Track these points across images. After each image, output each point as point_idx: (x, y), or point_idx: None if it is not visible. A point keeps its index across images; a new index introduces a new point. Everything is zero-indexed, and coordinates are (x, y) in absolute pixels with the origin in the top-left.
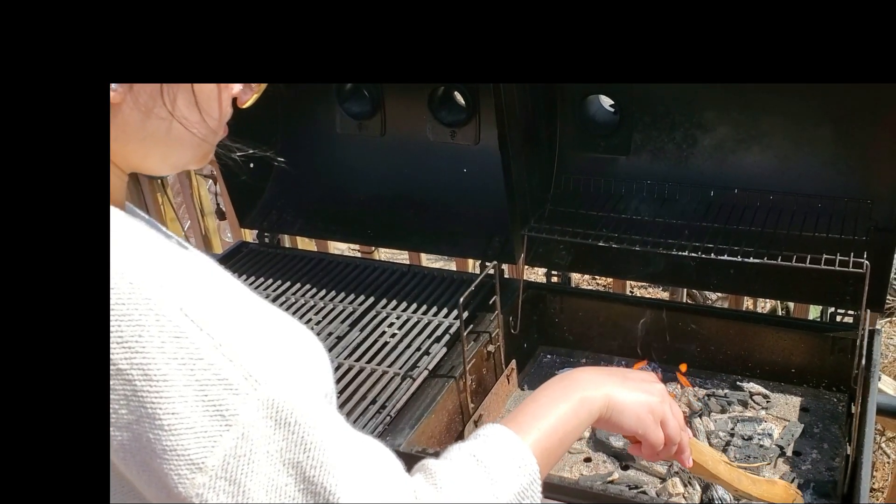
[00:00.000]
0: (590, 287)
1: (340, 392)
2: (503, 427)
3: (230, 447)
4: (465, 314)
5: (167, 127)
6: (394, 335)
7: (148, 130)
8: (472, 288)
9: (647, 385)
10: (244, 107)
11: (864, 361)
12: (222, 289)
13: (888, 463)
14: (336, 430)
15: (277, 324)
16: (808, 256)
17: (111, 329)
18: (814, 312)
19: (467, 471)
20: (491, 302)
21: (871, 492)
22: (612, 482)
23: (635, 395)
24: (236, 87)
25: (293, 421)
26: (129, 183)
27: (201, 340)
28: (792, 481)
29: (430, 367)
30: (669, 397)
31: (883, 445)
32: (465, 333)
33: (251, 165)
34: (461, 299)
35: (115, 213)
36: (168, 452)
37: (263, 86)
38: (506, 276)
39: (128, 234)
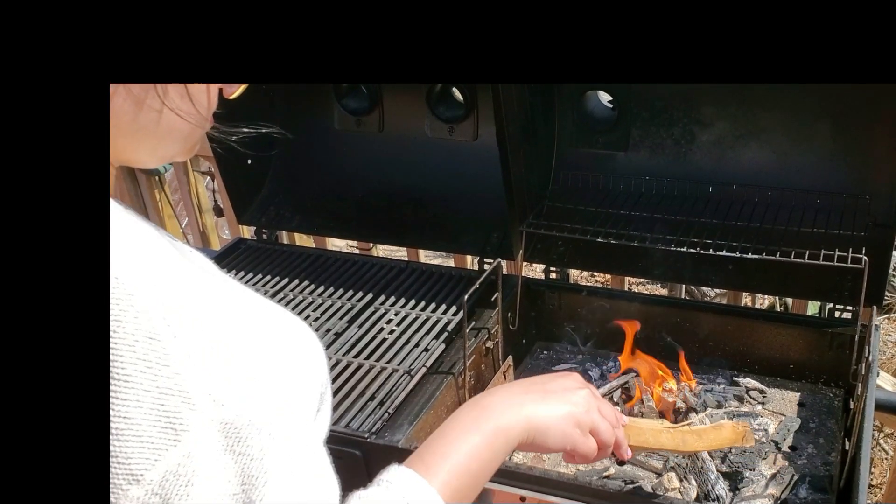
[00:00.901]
0: (588, 283)
1: (339, 388)
2: (408, 470)
3: (173, 464)
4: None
5: (158, 118)
6: (392, 332)
7: (140, 122)
8: (477, 285)
9: (570, 395)
10: (231, 98)
11: (866, 356)
12: (211, 291)
13: (886, 459)
14: (286, 464)
15: (268, 323)
16: (807, 252)
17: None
18: (812, 308)
19: None
20: (493, 298)
21: (868, 488)
22: (608, 477)
23: (558, 409)
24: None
25: (243, 451)
26: (127, 180)
27: (173, 347)
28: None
29: (429, 363)
30: (596, 400)
31: (881, 441)
32: (467, 329)
33: (249, 162)
34: (465, 297)
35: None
36: (110, 458)
37: None
38: (504, 272)
39: (117, 227)
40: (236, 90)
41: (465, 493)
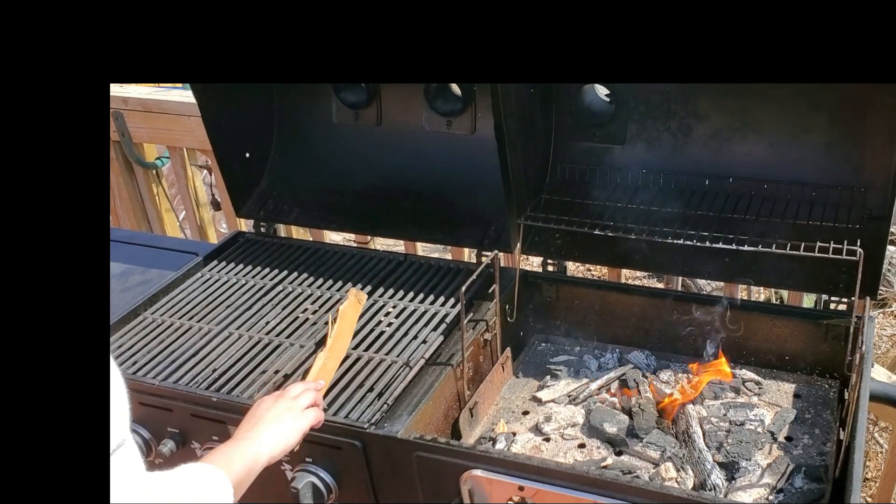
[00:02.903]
0: (585, 276)
1: (338, 380)
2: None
3: None
4: (462, 302)
5: None
6: (391, 324)
7: None
8: (474, 277)
9: (276, 407)
10: None
11: (860, 347)
12: None
13: (881, 453)
14: None
15: None
16: (802, 244)
17: None
18: (808, 301)
19: None
20: (490, 290)
21: (863, 481)
22: (605, 467)
23: (279, 424)
24: None
25: None
26: (124, 174)
27: None
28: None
29: (427, 355)
30: (287, 393)
31: (876, 435)
32: (465, 321)
33: (247, 155)
34: (463, 289)
35: None
36: None
37: None
38: (502, 264)
39: None
40: None
41: (238, 489)
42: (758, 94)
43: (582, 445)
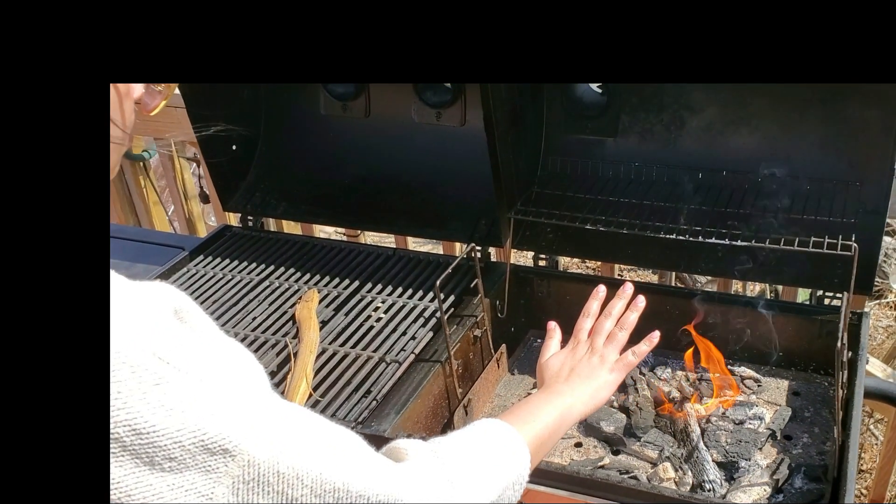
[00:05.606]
0: (578, 270)
1: (325, 377)
2: (496, 420)
3: (238, 476)
4: (451, 297)
5: None
6: (379, 319)
7: None
8: (450, 270)
9: (586, 368)
10: (152, 114)
11: (845, 342)
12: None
13: (876, 445)
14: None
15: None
16: (797, 239)
17: None
18: (803, 295)
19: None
20: (472, 285)
21: (859, 473)
22: (602, 467)
23: (595, 396)
24: (137, 92)
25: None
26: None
27: (183, 381)
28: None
29: (416, 351)
30: (592, 348)
31: (871, 427)
32: (445, 317)
33: (234, 148)
34: (437, 282)
35: None
36: (176, 489)
37: (173, 89)
38: (493, 259)
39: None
40: (157, 105)
41: (542, 448)
42: (752, 86)
43: (579, 444)
